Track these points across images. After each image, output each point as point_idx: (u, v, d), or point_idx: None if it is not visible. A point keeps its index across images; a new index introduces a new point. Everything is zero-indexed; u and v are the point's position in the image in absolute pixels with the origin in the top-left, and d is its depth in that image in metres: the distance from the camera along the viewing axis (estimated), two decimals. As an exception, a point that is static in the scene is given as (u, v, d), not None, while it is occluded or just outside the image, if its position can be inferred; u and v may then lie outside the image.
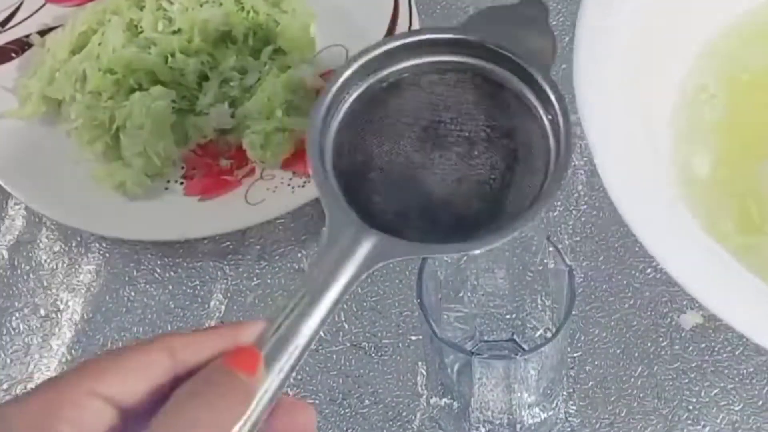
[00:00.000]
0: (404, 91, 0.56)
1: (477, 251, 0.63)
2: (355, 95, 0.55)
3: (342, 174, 0.53)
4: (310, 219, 0.80)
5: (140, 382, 0.46)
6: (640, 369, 0.72)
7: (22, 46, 0.86)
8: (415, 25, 0.84)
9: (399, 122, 0.55)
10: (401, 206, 0.53)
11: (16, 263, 0.79)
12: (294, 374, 0.48)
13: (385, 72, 0.55)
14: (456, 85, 0.55)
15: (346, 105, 0.55)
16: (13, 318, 0.77)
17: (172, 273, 0.78)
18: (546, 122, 0.54)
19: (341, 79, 0.54)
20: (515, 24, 0.55)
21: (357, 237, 0.50)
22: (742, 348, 0.73)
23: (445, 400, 0.68)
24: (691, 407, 0.71)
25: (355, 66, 0.55)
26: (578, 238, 0.77)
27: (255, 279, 0.78)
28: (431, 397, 0.71)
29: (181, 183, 0.80)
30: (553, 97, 0.53)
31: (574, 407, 0.71)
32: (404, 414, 0.72)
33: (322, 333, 0.75)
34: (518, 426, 0.66)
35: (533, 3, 0.57)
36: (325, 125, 0.54)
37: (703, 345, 0.73)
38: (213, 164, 0.81)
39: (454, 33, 0.55)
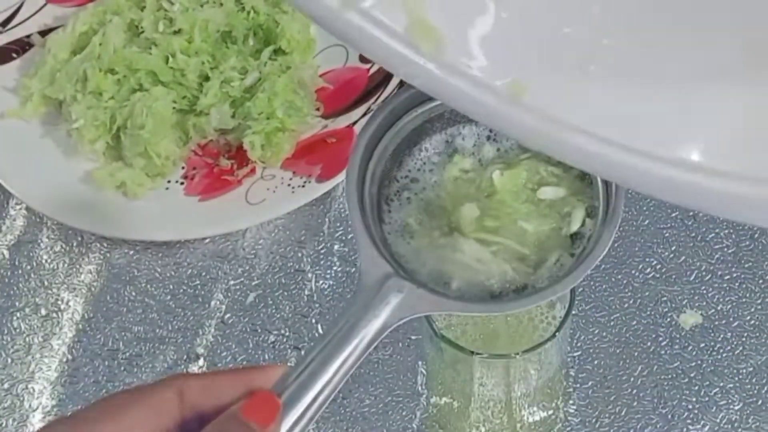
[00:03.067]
0: (452, 124, 0.55)
1: (512, 312, 0.61)
2: (399, 127, 0.54)
3: (380, 217, 0.52)
4: (310, 219, 0.80)
5: (146, 426, 0.45)
6: (639, 369, 0.72)
7: (23, 46, 0.86)
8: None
9: (449, 159, 0.54)
10: (437, 256, 0.52)
11: (17, 263, 0.80)
12: (311, 425, 0.47)
13: (434, 103, 0.54)
14: None
15: (390, 136, 0.53)
16: (14, 317, 0.77)
17: (172, 273, 0.78)
18: (598, 176, 0.52)
19: (387, 109, 0.53)
20: None
21: (387, 287, 0.49)
22: (741, 348, 0.73)
23: (445, 399, 0.68)
24: (690, 407, 0.71)
25: (402, 97, 0.53)
26: (578, 238, 0.77)
27: (255, 279, 0.78)
28: (431, 397, 0.71)
29: (182, 183, 0.80)
30: None
31: (574, 407, 0.71)
32: (404, 414, 0.72)
33: (321, 332, 0.75)
34: (518, 426, 0.66)
35: None
36: (366, 158, 0.52)
37: (702, 345, 0.73)
38: (213, 164, 0.81)
39: None
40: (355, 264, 0.78)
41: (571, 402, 0.71)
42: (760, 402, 0.71)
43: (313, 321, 0.75)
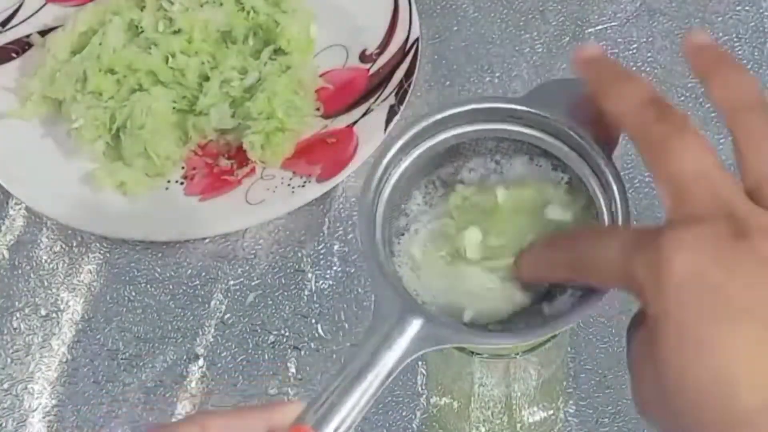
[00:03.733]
0: (459, 157, 0.54)
1: (526, 343, 0.59)
2: (409, 161, 0.53)
3: (391, 251, 0.52)
4: (310, 219, 0.80)
5: None
6: (639, 369, 0.72)
7: (22, 46, 0.86)
8: (415, 26, 0.84)
9: (452, 189, 0.54)
10: (451, 288, 0.52)
11: (16, 263, 0.80)
12: None
13: (442, 137, 0.53)
14: (512, 155, 0.54)
15: (400, 170, 0.53)
16: (14, 318, 0.77)
17: (172, 273, 0.78)
18: (603, 209, 0.51)
19: (398, 145, 0.53)
20: (579, 98, 0.51)
21: (403, 319, 0.48)
22: (741, 348, 0.73)
23: (445, 399, 0.68)
24: (690, 407, 0.71)
25: (411, 133, 0.53)
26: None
27: (255, 279, 0.78)
28: (431, 397, 0.71)
29: (182, 183, 0.80)
30: (613, 184, 0.51)
31: (574, 407, 0.71)
32: (404, 414, 0.72)
33: (321, 332, 0.75)
34: (518, 426, 0.67)
35: None
36: (378, 192, 0.52)
37: (702, 345, 0.73)
38: (213, 164, 0.81)
39: (515, 103, 0.53)
40: (356, 264, 0.78)
41: (571, 402, 0.71)
42: (760, 402, 0.71)
43: (313, 321, 0.75)
